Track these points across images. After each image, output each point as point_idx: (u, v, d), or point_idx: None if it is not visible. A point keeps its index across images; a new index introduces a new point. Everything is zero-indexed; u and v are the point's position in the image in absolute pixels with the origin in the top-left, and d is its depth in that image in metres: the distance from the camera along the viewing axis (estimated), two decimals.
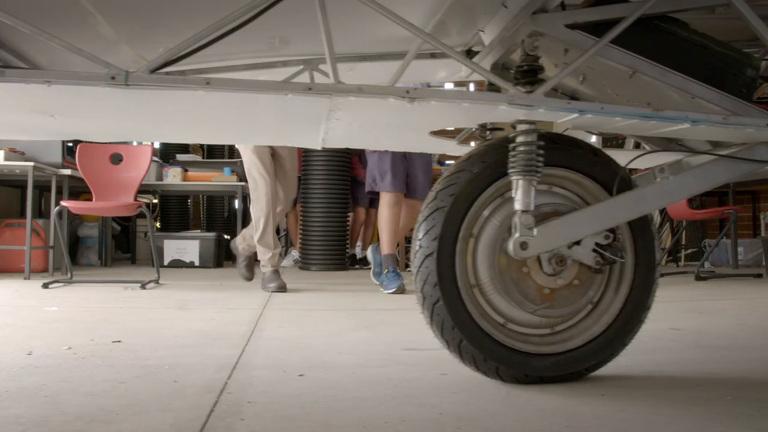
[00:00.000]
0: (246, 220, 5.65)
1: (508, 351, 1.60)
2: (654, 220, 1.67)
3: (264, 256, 4.06)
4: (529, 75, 1.56)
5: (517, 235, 1.53)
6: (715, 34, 2.28)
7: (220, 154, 7.64)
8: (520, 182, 1.53)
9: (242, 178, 6.73)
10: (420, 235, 1.61)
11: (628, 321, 1.64)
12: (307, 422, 1.32)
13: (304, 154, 6.17)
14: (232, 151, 7.89)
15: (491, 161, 1.59)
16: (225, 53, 1.98)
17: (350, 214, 6.35)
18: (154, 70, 1.32)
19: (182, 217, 7.80)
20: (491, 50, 1.77)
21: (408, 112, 1.44)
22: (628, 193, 1.57)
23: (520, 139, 1.54)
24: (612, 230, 1.58)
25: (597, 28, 1.58)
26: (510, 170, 1.54)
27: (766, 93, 2.20)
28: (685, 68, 1.58)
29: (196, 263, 6.46)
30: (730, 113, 1.54)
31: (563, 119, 1.44)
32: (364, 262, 6.25)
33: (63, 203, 4.34)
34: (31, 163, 4.93)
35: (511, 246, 1.54)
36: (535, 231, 1.53)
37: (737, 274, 5.30)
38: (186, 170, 6.65)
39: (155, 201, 8.08)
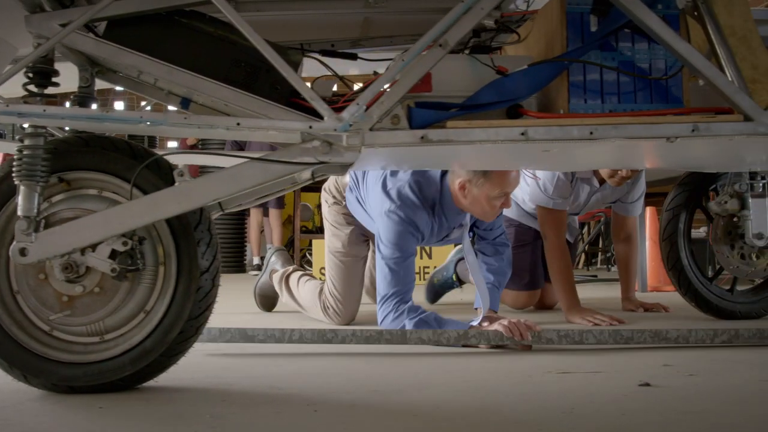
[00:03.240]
0: None
1: (35, 359, 1.55)
2: (203, 225, 1.60)
3: None
4: (38, 77, 1.51)
5: (15, 241, 1.48)
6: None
7: None
8: (21, 187, 1.48)
9: None
10: None
11: (167, 332, 1.56)
12: None
13: None
14: None
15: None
16: None
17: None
18: None
19: None
20: None
21: None
22: (142, 198, 1.50)
23: (25, 142, 1.49)
24: (132, 236, 1.52)
25: (123, 26, 1.53)
26: (14, 175, 1.49)
27: None
28: (205, 66, 1.50)
29: None
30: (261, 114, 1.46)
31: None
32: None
33: None
34: None
35: (10, 252, 1.49)
36: (34, 237, 1.48)
37: (609, 278, 5.12)
38: None
39: None
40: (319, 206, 7.04)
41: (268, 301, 3.25)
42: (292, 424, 1.33)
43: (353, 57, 1.93)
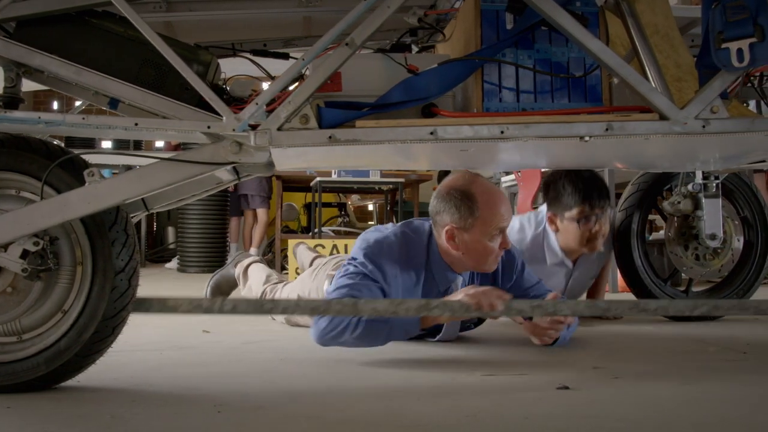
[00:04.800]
0: None
1: None
2: (118, 225, 1.59)
3: None
4: None
5: None
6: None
7: None
8: None
9: None
10: None
11: (82, 332, 1.56)
12: None
13: None
14: None
15: None
16: None
17: (238, 218, 6.34)
18: None
19: None
20: None
21: None
22: (51, 198, 1.50)
23: None
24: (43, 236, 1.52)
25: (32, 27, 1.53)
26: None
27: None
28: (115, 66, 1.50)
29: None
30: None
31: None
32: None
33: None
34: None
35: None
36: None
37: None
38: None
39: None
40: (305, 206, 7.06)
41: (219, 292, 3.16)
42: (187, 424, 1.33)
43: (285, 56, 1.92)
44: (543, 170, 4.28)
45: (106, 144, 6.08)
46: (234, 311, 1.67)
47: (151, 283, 5.16)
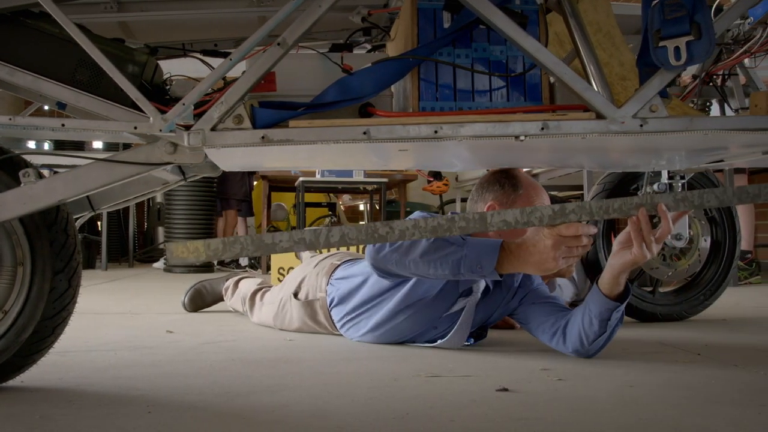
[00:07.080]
0: None
1: None
2: (58, 225, 1.59)
3: None
4: None
5: None
6: None
7: None
8: None
9: None
10: None
11: (20, 333, 1.57)
12: None
13: None
14: None
15: None
16: None
17: (219, 217, 6.34)
18: None
19: None
20: None
21: None
22: None
23: None
24: None
25: None
26: None
27: None
28: (51, 67, 1.50)
29: None
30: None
31: None
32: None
33: None
34: None
35: None
36: None
37: None
38: None
39: None
40: (294, 206, 7.05)
41: (199, 298, 3.15)
42: (113, 424, 1.32)
43: None
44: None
45: (97, 145, 6.12)
46: (343, 241, 1.45)
47: (133, 282, 5.18)
